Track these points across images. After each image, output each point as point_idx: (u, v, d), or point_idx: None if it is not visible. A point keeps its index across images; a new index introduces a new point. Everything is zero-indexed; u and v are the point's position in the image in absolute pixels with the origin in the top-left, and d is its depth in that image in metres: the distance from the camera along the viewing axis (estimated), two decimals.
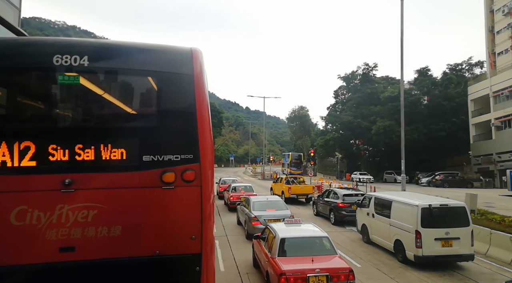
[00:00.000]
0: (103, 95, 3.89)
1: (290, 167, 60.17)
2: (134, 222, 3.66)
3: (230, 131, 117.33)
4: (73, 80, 3.64)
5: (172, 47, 4.19)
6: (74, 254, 3.48)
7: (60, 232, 3.46)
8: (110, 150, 3.63)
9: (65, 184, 3.49)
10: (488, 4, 47.37)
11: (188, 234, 3.77)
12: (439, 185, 38.49)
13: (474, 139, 45.64)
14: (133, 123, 3.98)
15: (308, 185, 25.85)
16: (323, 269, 7.22)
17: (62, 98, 3.86)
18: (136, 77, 4.00)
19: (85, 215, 3.51)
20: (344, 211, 16.35)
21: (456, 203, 11.04)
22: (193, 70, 3.98)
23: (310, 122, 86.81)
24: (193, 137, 3.85)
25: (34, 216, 3.41)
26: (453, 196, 20.08)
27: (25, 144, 3.46)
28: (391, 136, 47.71)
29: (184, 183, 3.76)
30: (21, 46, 3.85)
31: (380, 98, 53.05)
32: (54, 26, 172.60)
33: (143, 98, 4.10)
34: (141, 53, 4.02)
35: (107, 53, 3.93)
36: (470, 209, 14.27)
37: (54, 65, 3.58)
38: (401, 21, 18.80)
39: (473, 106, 46.09)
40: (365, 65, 58.85)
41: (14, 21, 14.46)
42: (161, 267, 3.69)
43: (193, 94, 3.90)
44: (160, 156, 3.72)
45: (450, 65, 53.21)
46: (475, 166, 44.77)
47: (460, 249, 10.19)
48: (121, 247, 3.60)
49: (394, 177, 47.62)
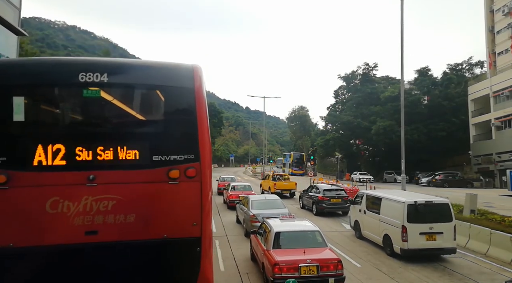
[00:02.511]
0: (119, 105, 4.62)
1: (291, 167, 60.09)
2: (146, 211, 4.39)
3: (230, 131, 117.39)
4: (95, 93, 4.39)
5: (176, 64, 4.97)
6: (97, 237, 4.20)
7: (85, 219, 4.18)
8: (126, 151, 4.36)
9: (89, 179, 4.22)
10: (488, 4, 47.35)
11: (190, 221, 4.50)
12: (439, 185, 38.47)
13: (474, 139, 45.61)
14: (144, 129, 4.71)
15: (292, 182, 28.18)
16: (313, 260, 7.79)
17: (86, 109, 4.59)
18: (147, 91, 4.75)
19: (105, 205, 4.23)
20: (324, 203, 18.63)
21: (440, 200, 11.67)
22: (194, 84, 4.69)
23: (310, 122, 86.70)
24: (194, 140, 4.56)
25: (65, 206, 4.14)
26: (453, 196, 20.10)
27: (57, 146, 4.17)
28: (391, 136, 47.65)
29: (187, 178, 4.48)
30: (52, 65, 4.63)
31: (380, 98, 53.00)
32: (54, 26, 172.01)
33: (152, 108, 4.86)
34: (151, 70, 4.83)
35: (123, 71, 4.70)
36: (470, 209, 14.31)
37: (79, 82, 4.29)
38: (401, 22, 18.80)
39: (473, 106, 46.05)
40: (365, 65, 58.84)
41: (14, 21, 14.49)
42: (168, 248, 4.43)
43: (194, 104, 4.61)
44: (167, 156, 4.45)
45: (450, 65, 53.15)
46: (475, 166, 44.74)
47: (443, 243, 10.76)
48: (135, 231, 4.32)
49: (394, 177, 47.59)
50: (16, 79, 4.31)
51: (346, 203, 18.56)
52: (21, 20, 17.21)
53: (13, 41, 14.97)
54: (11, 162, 4.09)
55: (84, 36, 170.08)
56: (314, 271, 7.70)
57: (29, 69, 4.49)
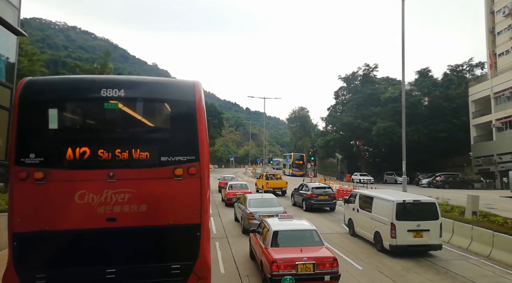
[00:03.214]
0: (133, 115, 5.44)
1: (292, 168, 59.91)
2: (155, 202, 5.20)
3: (230, 131, 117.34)
4: (114, 106, 5.22)
5: (180, 80, 6.23)
6: (116, 223, 5.04)
7: (106, 208, 5.01)
8: (139, 153, 5.20)
9: (109, 176, 5.05)
10: (488, 5, 47.26)
11: (191, 210, 5.32)
12: (439, 186, 38.36)
13: (474, 140, 45.50)
14: (154, 134, 5.55)
15: (283, 181, 30.34)
16: (310, 258, 8.00)
17: (107, 118, 5.41)
18: (156, 103, 5.63)
19: (122, 197, 5.05)
20: (313, 200, 20.27)
21: (427, 199, 12.24)
22: (195, 97, 5.54)
23: (310, 123, 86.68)
24: (195, 144, 5.38)
25: (90, 197, 4.97)
26: (454, 197, 20.02)
27: (83, 149, 5.01)
28: (392, 137, 47.58)
29: (189, 175, 5.29)
30: (79, 83, 5.64)
31: (380, 99, 52.93)
32: (54, 27, 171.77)
33: (161, 117, 5.72)
34: (159, 86, 5.78)
35: (136, 87, 5.55)
36: (472, 211, 14.20)
37: (101, 96, 5.14)
38: (402, 24, 18.73)
39: (474, 107, 45.94)
40: (366, 66, 58.86)
41: (13, 21, 14.41)
42: (173, 233, 5.26)
43: (195, 114, 5.43)
44: (173, 157, 5.26)
45: (451, 66, 53.02)
46: (475, 167, 44.63)
47: (430, 239, 11.34)
48: (146, 218, 5.15)
49: (394, 178, 47.51)
50: (51, 94, 5.20)
51: (333, 200, 20.71)
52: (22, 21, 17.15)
53: (12, 41, 14.90)
54: (47, 161, 4.94)
55: (85, 36, 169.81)
56: (310, 269, 7.91)
57: (60, 86, 5.42)
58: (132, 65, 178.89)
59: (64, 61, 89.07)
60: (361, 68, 59.30)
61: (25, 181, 4.83)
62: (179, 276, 5.19)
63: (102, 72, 35.33)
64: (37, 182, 4.84)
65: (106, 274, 4.94)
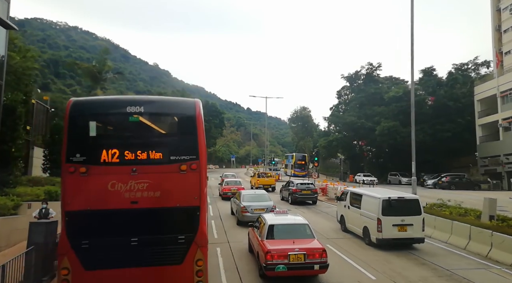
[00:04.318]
0: (150, 125, 6.92)
1: (294, 168, 59.08)
2: (166, 189, 6.70)
3: (231, 131, 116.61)
4: (136, 119, 6.74)
5: (184, 99, 7.81)
6: (137, 205, 6.54)
7: (131, 194, 6.51)
8: (154, 153, 6.72)
9: (133, 171, 6.55)
10: (494, 3, 46.36)
11: (193, 196, 6.83)
12: (445, 187, 37.48)
13: (480, 140, 44.60)
14: (165, 140, 7.07)
15: (271, 178, 34.99)
16: (301, 249, 8.80)
17: (131, 128, 6.88)
18: (167, 116, 7.26)
19: (142, 186, 6.55)
20: (297, 194, 23.39)
21: (411, 196, 13.25)
22: (195, 112, 7.03)
23: (312, 123, 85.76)
24: (195, 147, 6.89)
25: (119, 186, 6.48)
26: (464, 199, 19.08)
27: (113, 151, 6.54)
28: (395, 137, 46.73)
29: (191, 170, 6.78)
30: (111, 101, 7.60)
31: (384, 98, 52.08)
32: (56, 27, 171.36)
33: (170, 127, 7.27)
34: (169, 103, 7.66)
35: (152, 104, 7.22)
36: (490, 215, 13.34)
37: (127, 111, 6.71)
38: (411, 17, 17.92)
39: (479, 107, 45.04)
40: (369, 65, 57.87)
41: (2, 13, 13.64)
42: (179, 212, 6.79)
43: (195, 125, 6.94)
44: (179, 156, 6.76)
45: (456, 65, 52.08)
46: (481, 167, 43.69)
47: (413, 233, 12.24)
48: (160, 202, 6.64)
49: (398, 178, 46.60)
50: (90, 111, 6.86)
51: (314, 194, 24.11)
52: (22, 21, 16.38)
53: (1, 35, 14.12)
54: (88, 160, 6.50)
55: (86, 36, 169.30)
56: (301, 259, 8.70)
57: (97, 105, 7.22)
58: (133, 65, 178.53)
59: (64, 61, 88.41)
60: (364, 67, 58.38)
61: (73, 174, 6.44)
62: (184, 244, 6.73)
63: (101, 70, 34.49)
64: (81, 175, 6.45)
65: (131, 242, 6.55)
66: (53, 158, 19.42)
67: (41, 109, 23.35)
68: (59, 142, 18.63)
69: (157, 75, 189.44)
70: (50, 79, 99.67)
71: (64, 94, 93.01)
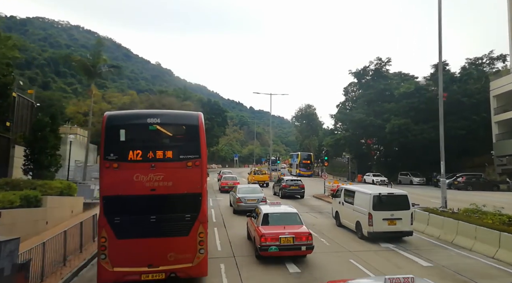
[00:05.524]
0: (165, 132, 8.96)
1: (299, 168, 57.06)
2: (176, 180, 8.63)
3: (234, 130, 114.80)
4: (154, 127, 8.73)
5: (190, 113, 9.94)
6: (155, 192, 8.44)
7: (150, 183, 8.42)
8: (167, 153, 8.68)
9: (152, 166, 8.47)
10: None
11: (197, 185, 8.72)
12: (461, 188, 35.30)
13: (497, 137, 42.36)
14: (176, 143, 9.03)
15: (265, 175, 40.68)
16: (290, 233, 10.46)
17: (150, 134, 8.80)
18: (177, 126, 9.25)
19: (159, 178, 8.46)
20: (286, 190, 26.83)
21: (400, 192, 14.01)
22: (198, 123, 9.03)
23: (317, 121, 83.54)
24: (198, 148, 8.82)
25: (141, 177, 8.39)
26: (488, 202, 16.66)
27: (137, 151, 8.51)
28: (407, 135, 44.57)
29: (195, 166, 8.70)
30: (136, 114, 9.64)
31: (394, 94, 49.91)
32: (57, 26, 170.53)
33: (180, 133, 9.20)
34: (179, 116, 9.79)
35: (166, 116, 9.21)
36: None
37: (147, 122, 8.73)
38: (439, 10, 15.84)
39: (495, 103, 42.75)
40: (378, 60, 55.71)
41: None
42: (187, 197, 8.64)
43: (198, 132, 8.91)
44: (186, 156, 8.67)
45: (470, 59, 49.81)
46: (498, 167, 41.42)
47: (402, 227, 13.09)
48: (172, 189, 8.56)
49: (410, 178, 44.49)
50: (121, 121, 8.92)
51: (302, 189, 27.23)
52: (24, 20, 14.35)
53: None
54: (119, 158, 8.39)
55: (88, 35, 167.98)
56: (290, 241, 10.33)
57: (126, 117, 9.33)
58: (135, 64, 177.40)
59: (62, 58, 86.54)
60: (373, 62, 56.16)
61: (108, 169, 8.27)
62: (190, 221, 8.49)
63: (95, 63, 32.52)
64: (114, 169, 8.26)
65: (150, 219, 8.32)
66: (35, 158, 16.99)
67: (24, 103, 21.25)
68: (41, 139, 16.80)
69: (159, 74, 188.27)
70: (50, 78, 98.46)
71: (65, 92, 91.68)
